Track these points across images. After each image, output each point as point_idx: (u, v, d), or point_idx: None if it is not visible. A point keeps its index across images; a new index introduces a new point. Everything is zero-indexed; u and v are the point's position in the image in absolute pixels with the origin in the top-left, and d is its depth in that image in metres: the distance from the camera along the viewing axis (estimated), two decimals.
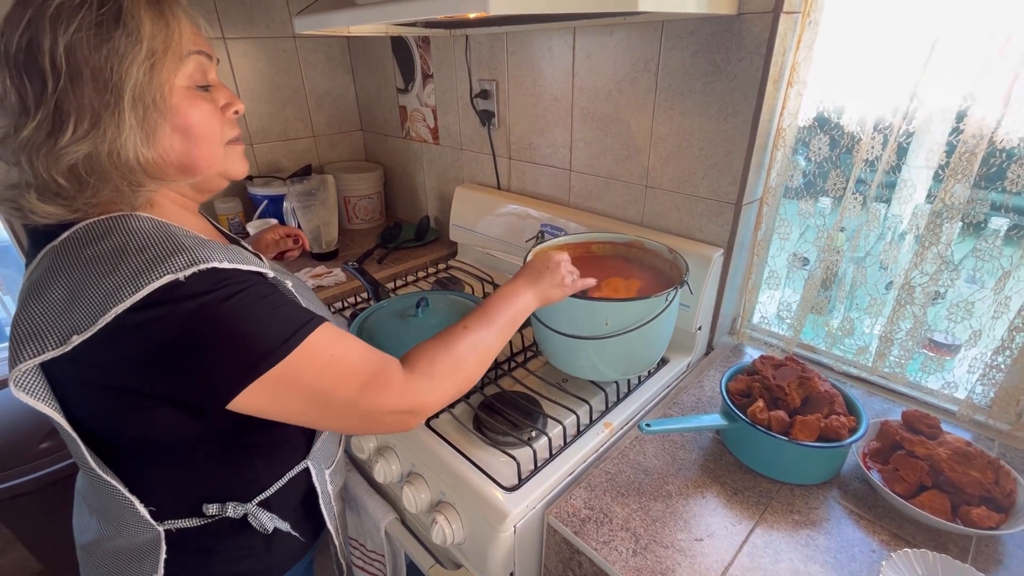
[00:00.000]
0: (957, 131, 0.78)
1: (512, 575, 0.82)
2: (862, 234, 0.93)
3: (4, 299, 1.75)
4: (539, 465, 0.82)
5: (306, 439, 0.72)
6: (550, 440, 0.85)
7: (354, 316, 1.06)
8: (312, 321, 0.55)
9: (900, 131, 0.83)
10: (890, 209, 0.90)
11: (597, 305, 0.84)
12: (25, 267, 0.57)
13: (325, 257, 1.60)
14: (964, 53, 0.76)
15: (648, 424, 0.81)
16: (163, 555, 0.61)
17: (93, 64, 0.48)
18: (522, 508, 0.77)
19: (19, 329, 0.49)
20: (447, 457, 0.85)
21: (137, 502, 0.58)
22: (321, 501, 0.73)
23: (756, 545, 0.71)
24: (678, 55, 0.98)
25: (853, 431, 0.78)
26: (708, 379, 1.06)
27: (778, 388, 0.84)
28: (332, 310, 1.32)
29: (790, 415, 0.82)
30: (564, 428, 0.89)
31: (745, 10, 0.87)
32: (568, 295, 0.80)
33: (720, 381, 0.90)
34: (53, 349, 0.47)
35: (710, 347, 1.18)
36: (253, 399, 0.52)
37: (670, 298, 0.86)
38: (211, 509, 0.63)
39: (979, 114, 0.75)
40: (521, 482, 0.79)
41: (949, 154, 0.80)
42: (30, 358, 0.48)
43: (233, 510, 0.63)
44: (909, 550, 0.67)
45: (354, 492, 1.03)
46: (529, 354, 1.09)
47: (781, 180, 0.98)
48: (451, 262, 1.59)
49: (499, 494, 0.78)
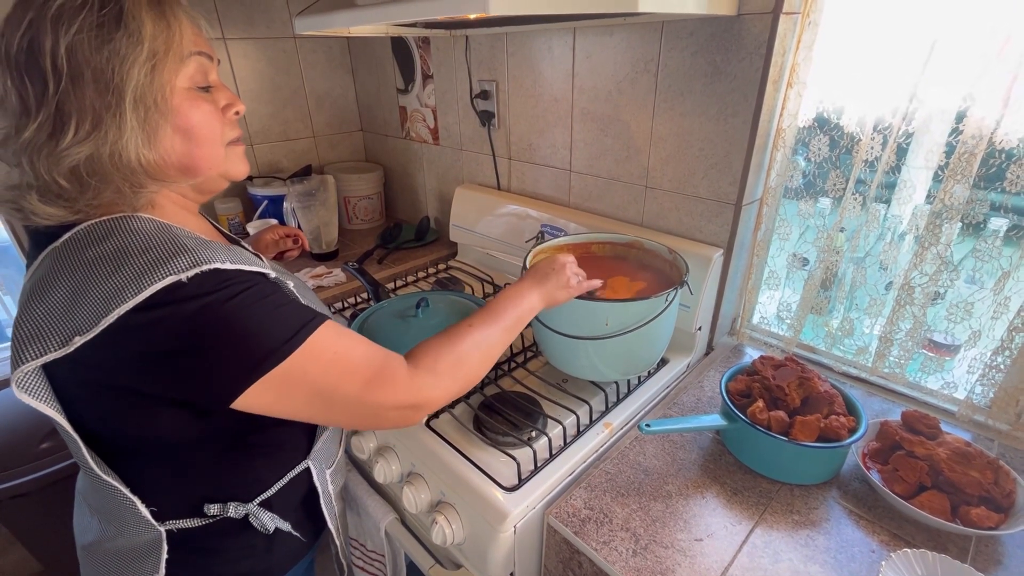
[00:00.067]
0: (956, 132, 0.78)
1: (512, 575, 0.82)
2: (862, 234, 0.93)
3: (4, 299, 1.75)
4: (539, 465, 0.82)
5: (307, 439, 0.72)
6: (550, 440, 0.86)
7: (354, 316, 1.06)
8: (315, 319, 0.56)
9: (900, 131, 0.83)
10: (890, 209, 0.90)
11: (597, 305, 0.84)
12: (26, 268, 0.57)
13: (325, 257, 1.60)
14: (963, 54, 0.76)
15: (648, 424, 0.81)
16: (164, 555, 0.61)
17: (94, 65, 0.48)
18: (522, 508, 0.77)
19: (21, 330, 0.49)
20: (447, 457, 0.85)
21: (139, 502, 0.58)
22: (322, 501, 0.73)
23: (756, 545, 0.71)
24: (678, 56, 0.98)
25: (853, 431, 0.79)
26: (708, 379, 1.06)
27: (778, 388, 0.84)
28: (332, 310, 1.32)
29: (790, 415, 0.82)
30: (564, 428, 0.89)
31: (745, 11, 0.87)
32: (574, 296, 0.80)
33: (720, 381, 0.90)
34: (56, 350, 0.47)
35: (710, 347, 1.18)
36: (257, 398, 0.52)
37: (670, 298, 0.86)
38: (212, 509, 0.63)
39: (978, 115, 0.76)
40: (521, 482, 0.80)
41: (948, 155, 0.80)
42: (32, 359, 0.48)
43: (234, 510, 0.63)
44: (908, 550, 0.67)
45: (354, 492, 1.03)
46: (529, 354, 1.09)
47: (781, 180, 0.98)
48: (451, 262, 1.59)
49: (499, 494, 0.78)
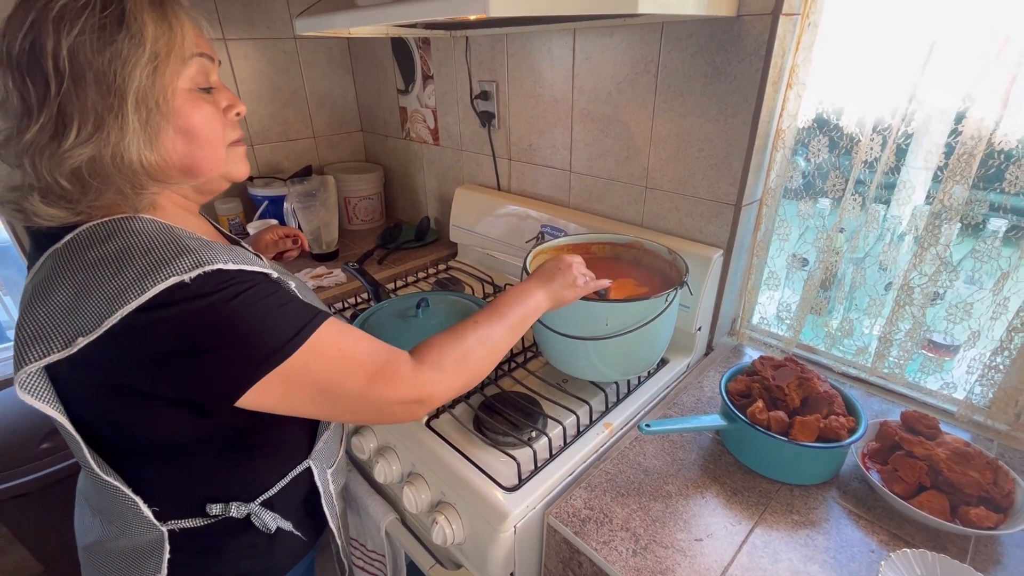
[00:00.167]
0: (956, 132, 0.78)
1: (512, 575, 0.82)
2: (861, 235, 0.94)
3: (5, 300, 1.75)
4: (539, 465, 0.83)
5: (308, 439, 0.72)
6: (550, 440, 0.86)
7: (354, 317, 1.06)
8: (317, 317, 0.56)
9: (899, 132, 0.83)
10: (889, 210, 0.90)
11: (597, 305, 0.84)
12: (27, 269, 0.57)
13: (325, 258, 1.60)
14: (963, 55, 0.76)
15: (648, 424, 0.81)
16: (166, 555, 0.61)
17: (96, 67, 0.48)
18: (522, 508, 0.77)
19: (24, 331, 0.49)
20: (447, 457, 0.85)
21: (141, 502, 0.58)
22: (323, 500, 0.74)
23: (755, 545, 0.72)
24: (678, 56, 0.98)
25: (852, 431, 0.79)
26: (708, 379, 1.06)
27: (777, 388, 0.84)
28: (332, 311, 1.32)
29: (789, 415, 0.82)
30: (564, 428, 0.89)
31: (744, 12, 0.88)
32: (581, 296, 0.80)
33: (720, 381, 0.90)
34: (59, 351, 0.47)
35: (710, 348, 1.18)
36: (262, 396, 0.52)
37: (670, 299, 0.86)
38: (214, 509, 0.63)
39: (977, 115, 0.76)
40: (521, 482, 0.80)
41: (948, 155, 0.80)
42: (36, 360, 0.48)
43: (236, 510, 0.64)
44: (908, 550, 0.67)
45: (355, 492, 1.03)
46: (529, 354, 1.09)
47: (780, 181, 0.98)
48: (451, 263, 1.59)
49: (499, 494, 0.78)
